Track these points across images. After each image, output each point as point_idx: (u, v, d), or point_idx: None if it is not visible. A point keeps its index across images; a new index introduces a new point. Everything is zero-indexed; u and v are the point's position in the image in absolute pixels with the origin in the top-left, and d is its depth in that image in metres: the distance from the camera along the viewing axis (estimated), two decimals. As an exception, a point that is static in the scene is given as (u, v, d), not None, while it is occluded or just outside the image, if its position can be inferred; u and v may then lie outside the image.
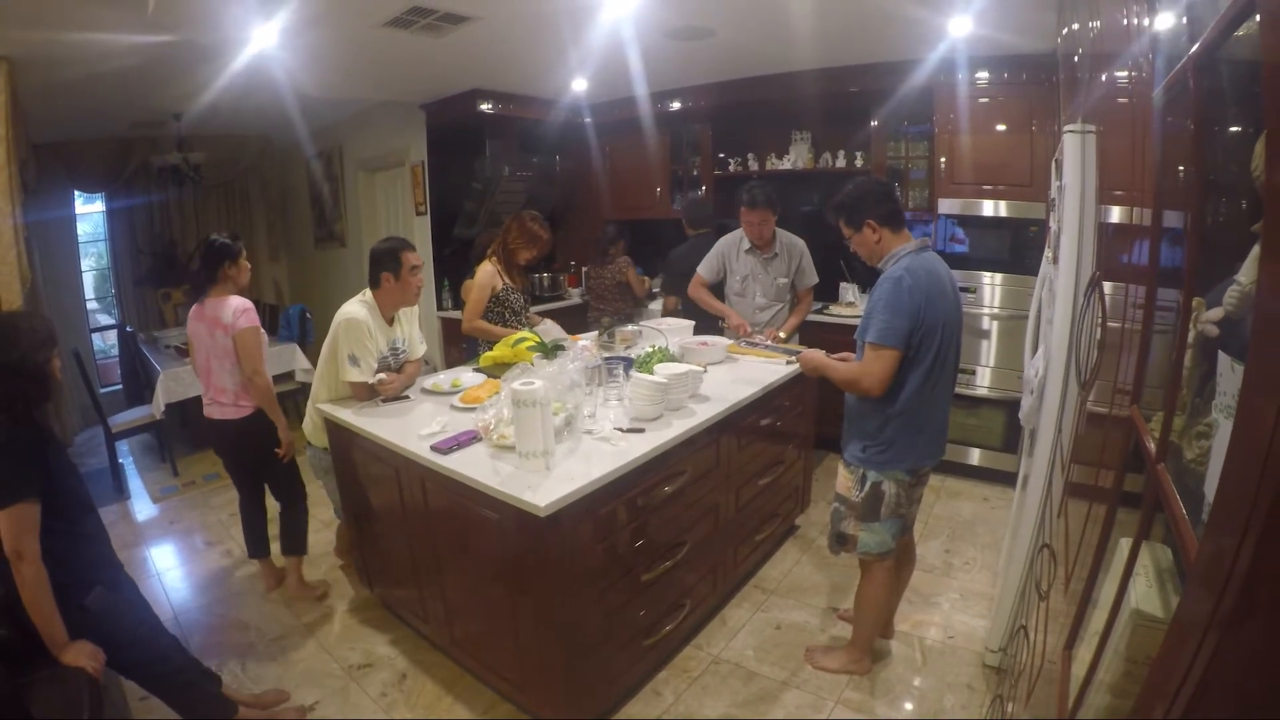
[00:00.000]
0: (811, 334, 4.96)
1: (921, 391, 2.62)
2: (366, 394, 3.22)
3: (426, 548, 2.88)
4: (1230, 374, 0.90)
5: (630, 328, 4.23)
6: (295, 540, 3.79)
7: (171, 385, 5.54)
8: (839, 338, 3.29)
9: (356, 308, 3.19)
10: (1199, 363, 1.06)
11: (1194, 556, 0.88)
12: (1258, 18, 0.83)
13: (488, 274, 4.06)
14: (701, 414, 2.99)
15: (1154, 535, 1.25)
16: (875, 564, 2.87)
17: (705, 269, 4.57)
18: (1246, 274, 0.89)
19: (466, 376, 3.57)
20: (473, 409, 2.98)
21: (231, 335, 3.38)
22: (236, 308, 3.41)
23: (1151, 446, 1.20)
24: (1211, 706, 0.78)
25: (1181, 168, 1.27)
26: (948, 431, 2.86)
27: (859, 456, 2.77)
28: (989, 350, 4.83)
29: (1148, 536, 1.23)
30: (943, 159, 4.89)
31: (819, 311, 5.38)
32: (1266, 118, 0.78)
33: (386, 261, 3.25)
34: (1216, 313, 0.99)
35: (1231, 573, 0.72)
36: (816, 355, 2.97)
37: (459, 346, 6.09)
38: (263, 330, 3.51)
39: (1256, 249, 0.84)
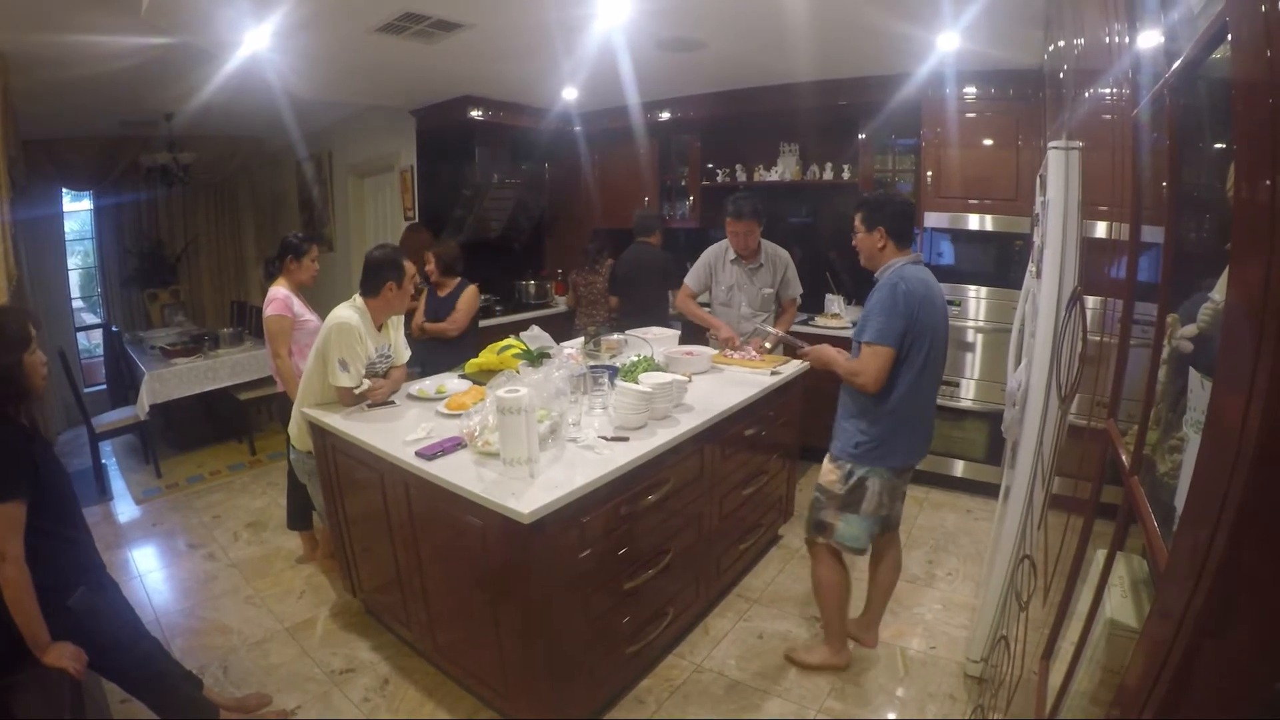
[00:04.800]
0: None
1: (913, 391, 2.78)
2: (353, 399, 3.21)
3: (410, 553, 2.88)
4: (1200, 390, 0.92)
5: (616, 336, 4.25)
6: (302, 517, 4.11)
7: (156, 386, 5.53)
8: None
9: (348, 313, 3.18)
10: (1173, 378, 1.07)
11: (1163, 565, 0.90)
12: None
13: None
14: (686, 423, 3.00)
15: (1131, 547, 1.26)
16: (822, 549, 3.02)
17: (693, 280, 4.59)
18: (1220, 291, 0.91)
19: (452, 383, 3.57)
20: (458, 415, 2.97)
21: (264, 321, 3.94)
22: (271, 297, 3.91)
23: (1126, 459, 1.22)
24: (1183, 710, 0.80)
25: (1164, 184, 1.29)
26: (933, 433, 3.01)
27: (849, 452, 2.89)
28: (973, 363, 4.86)
29: (1122, 548, 1.24)
30: (929, 172, 4.93)
31: (804, 323, 5.41)
32: (1237, 136, 0.80)
33: (389, 270, 3.25)
34: (1190, 329, 1.01)
35: (1199, 578, 0.74)
36: (827, 350, 3.05)
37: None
38: (288, 318, 3.88)
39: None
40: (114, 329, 7.32)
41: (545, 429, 2.68)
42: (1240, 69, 0.79)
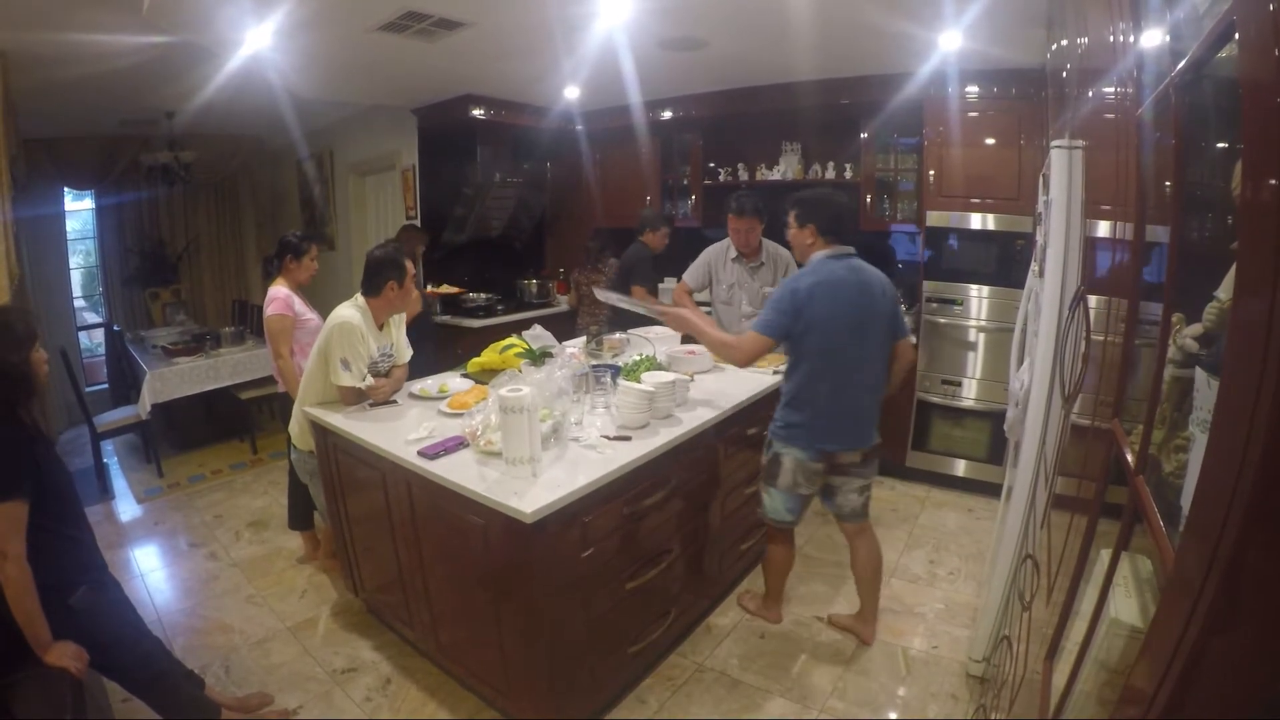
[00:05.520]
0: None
1: (812, 381, 2.96)
2: (355, 398, 3.21)
3: (412, 553, 2.88)
4: (1206, 389, 0.92)
5: (618, 335, 4.24)
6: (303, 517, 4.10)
7: (158, 385, 5.53)
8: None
9: (350, 312, 3.18)
10: (1178, 377, 1.07)
11: (1170, 565, 0.90)
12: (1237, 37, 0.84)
13: None
14: (688, 422, 3.01)
15: (1136, 547, 1.26)
16: (773, 532, 3.30)
17: (690, 278, 4.61)
18: (1225, 290, 0.90)
19: (454, 382, 3.57)
20: (460, 414, 2.97)
21: (265, 320, 3.95)
22: (271, 297, 3.93)
23: (1131, 459, 1.21)
24: (1188, 710, 0.80)
25: (1168, 184, 1.28)
26: (865, 422, 3.08)
27: (770, 430, 3.15)
28: (975, 362, 4.85)
29: (1127, 547, 1.24)
30: (931, 171, 4.92)
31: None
32: (1243, 135, 0.80)
33: (390, 270, 3.26)
34: (1195, 329, 1.00)
35: (1206, 577, 0.74)
36: (687, 314, 3.31)
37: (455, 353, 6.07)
38: (289, 317, 3.90)
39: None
40: (115, 328, 7.30)
41: (548, 428, 2.68)
42: (1247, 68, 0.79)
